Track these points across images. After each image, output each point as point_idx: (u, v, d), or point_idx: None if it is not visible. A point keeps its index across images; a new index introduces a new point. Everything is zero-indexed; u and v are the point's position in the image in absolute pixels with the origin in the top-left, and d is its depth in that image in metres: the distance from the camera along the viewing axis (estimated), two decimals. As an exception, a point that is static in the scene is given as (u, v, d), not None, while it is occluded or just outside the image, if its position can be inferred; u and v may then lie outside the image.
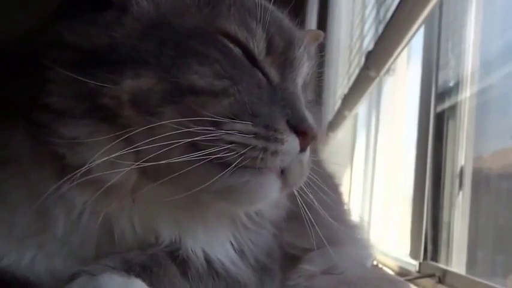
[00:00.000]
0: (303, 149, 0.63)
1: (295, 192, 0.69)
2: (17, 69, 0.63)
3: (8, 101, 0.63)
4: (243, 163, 0.58)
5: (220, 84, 0.60)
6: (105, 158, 0.58)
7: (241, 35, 0.64)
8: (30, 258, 0.63)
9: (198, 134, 0.58)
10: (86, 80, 0.57)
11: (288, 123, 0.62)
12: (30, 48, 0.62)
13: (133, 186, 0.62)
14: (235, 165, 0.58)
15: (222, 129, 0.58)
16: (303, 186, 0.69)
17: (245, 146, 0.58)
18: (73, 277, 0.56)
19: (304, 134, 0.62)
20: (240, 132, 0.59)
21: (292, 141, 0.62)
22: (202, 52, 0.61)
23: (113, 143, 0.59)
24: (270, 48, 0.67)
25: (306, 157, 0.66)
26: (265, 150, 0.59)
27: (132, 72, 0.59)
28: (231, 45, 0.63)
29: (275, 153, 0.60)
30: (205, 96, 0.59)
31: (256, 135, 0.59)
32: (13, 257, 0.63)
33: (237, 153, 0.58)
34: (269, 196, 0.64)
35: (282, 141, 0.60)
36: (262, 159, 0.59)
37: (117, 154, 0.58)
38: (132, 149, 0.58)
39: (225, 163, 0.58)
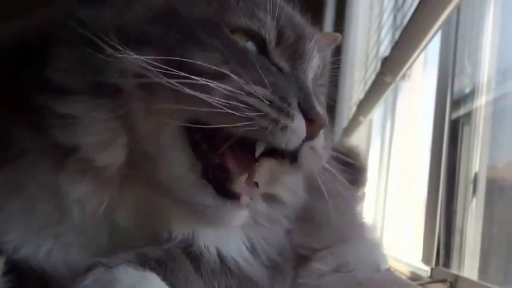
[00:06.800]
0: (309, 137, 0.62)
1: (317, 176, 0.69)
2: (23, 60, 0.64)
3: (11, 93, 0.64)
4: (252, 133, 0.58)
5: (227, 68, 0.60)
6: (99, 138, 0.60)
7: (253, 25, 0.65)
8: (47, 250, 0.64)
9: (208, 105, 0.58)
10: (91, 51, 0.58)
11: (299, 105, 0.62)
12: (41, 29, 0.64)
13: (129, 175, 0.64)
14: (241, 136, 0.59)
15: (242, 90, 0.59)
16: (322, 174, 0.69)
17: (257, 111, 0.58)
18: (89, 268, 0.56)
19: (312, 121, 0.62)
20: (258, 96, 0.59)
21: (300, 122, 0.61)
22: (205, 41, 0.61)
23: (106, 123, 0.60)
24: (280, 38, 0.67)
25: (319, 144, 0.65)
26: (276, 122, 0.59)
27: (137, 49, 0.59)
28: (237, 38, 0.64)
29: (284, 128, 0.59)
30: (209, 78, 0.59)
31: (271, 104, 0.59)
32: (30, 248, 0.64)
33: (247, 117, 0.58)
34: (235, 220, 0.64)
35: (292, 118, 0.60)
36: (271, 132, 0.59)
37: (110, 135, 0.60)
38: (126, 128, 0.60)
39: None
